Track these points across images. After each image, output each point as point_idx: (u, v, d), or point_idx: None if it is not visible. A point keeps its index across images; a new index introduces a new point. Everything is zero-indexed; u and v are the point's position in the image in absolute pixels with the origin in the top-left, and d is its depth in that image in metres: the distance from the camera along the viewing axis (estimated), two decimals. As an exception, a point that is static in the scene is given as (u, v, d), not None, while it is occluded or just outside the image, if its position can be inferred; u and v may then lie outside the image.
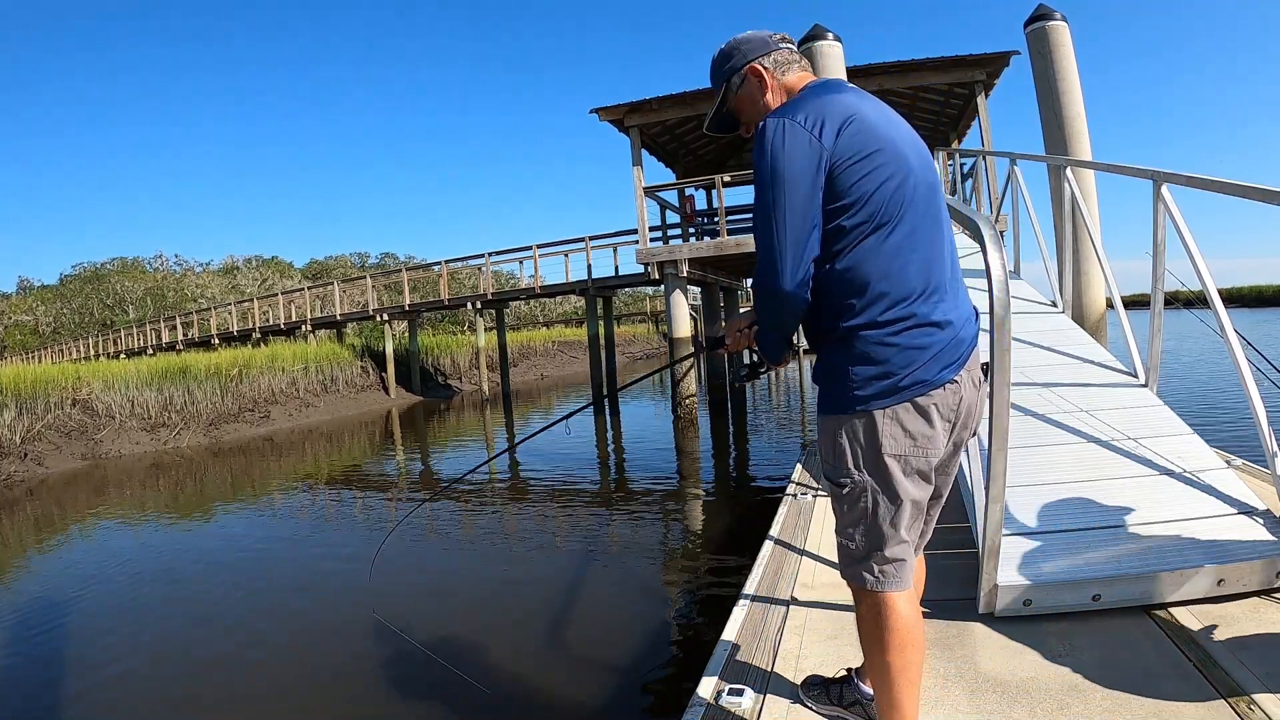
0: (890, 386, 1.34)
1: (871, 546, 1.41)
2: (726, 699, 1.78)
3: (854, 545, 1.43)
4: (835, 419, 1.40)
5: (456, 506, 7.35)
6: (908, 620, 1.41)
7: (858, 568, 1.44)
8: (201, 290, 38.27)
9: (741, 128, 1.57)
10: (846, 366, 1.36)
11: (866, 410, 1.35)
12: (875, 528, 1.40)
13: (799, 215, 1.30)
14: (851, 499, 1.41)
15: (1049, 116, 5.82)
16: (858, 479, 1.39)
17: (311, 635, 4.09)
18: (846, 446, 1.39)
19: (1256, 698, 1.59)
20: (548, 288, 16.63)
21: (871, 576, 1.42)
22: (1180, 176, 2.79)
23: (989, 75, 9.90)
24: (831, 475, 1.44)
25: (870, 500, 1.39)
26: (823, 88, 1.41)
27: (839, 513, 1.46)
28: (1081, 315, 5.13)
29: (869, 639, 1.45)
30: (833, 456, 1.42)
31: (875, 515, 1.39)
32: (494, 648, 3.68)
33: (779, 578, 2.60)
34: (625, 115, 11.18)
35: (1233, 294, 48.83)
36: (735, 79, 1.51)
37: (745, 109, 1.52)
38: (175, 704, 3.37)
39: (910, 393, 1.34)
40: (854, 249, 1.32)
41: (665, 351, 15.42)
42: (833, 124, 1.30)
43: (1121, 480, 2.55)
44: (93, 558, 6.23)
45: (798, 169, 1.29)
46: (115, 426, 12.77)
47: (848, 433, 1.38)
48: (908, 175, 1.33)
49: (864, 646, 1.47)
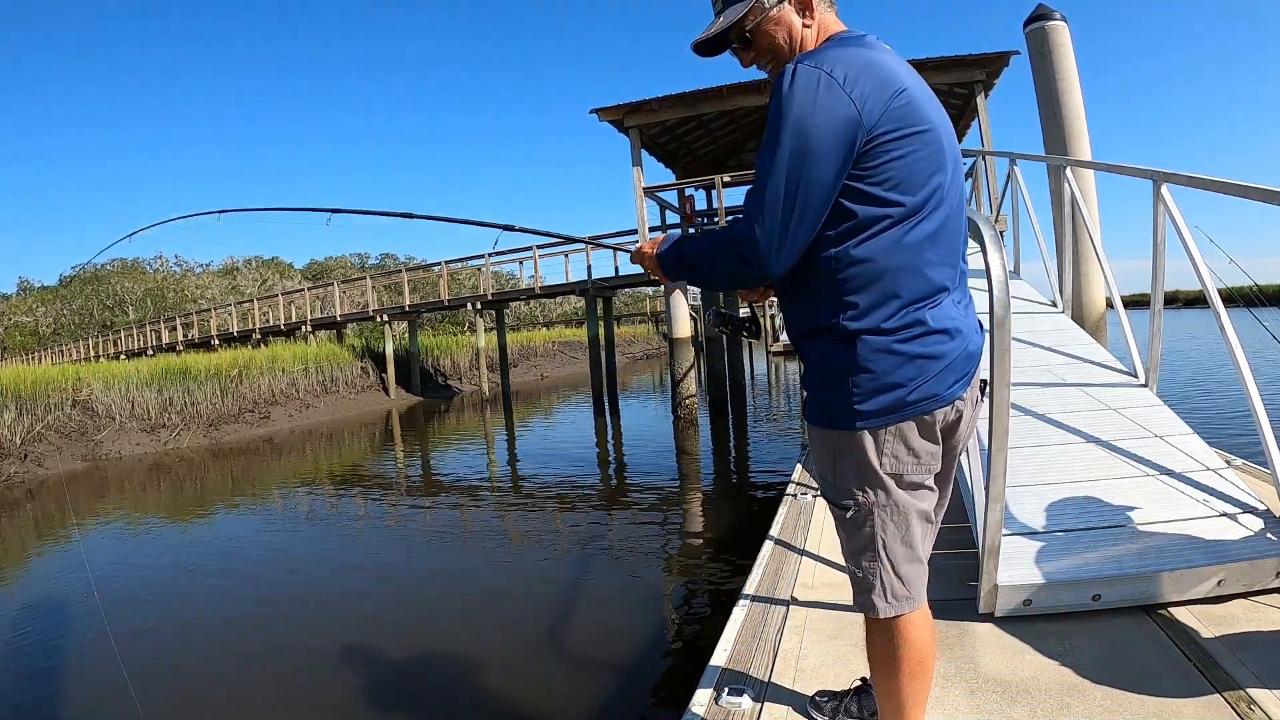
0: (896, 401, 1.18)
1: (884, 571, 1.27)
2: (726, 699, 1.78)
3: (864, 574, 1.29)
4: (832, 434, 1.24)
5: (456, 506, 7.35)
6: (922, 644, 1.30)
7: (869, 596, 1.29)
8: (201, 291, 38.26)
9: (746, 55, 1.29)
10: (846, 376, 1.19)
11: (868, 428, 1.20)
12: (886, 550, 1.26)
13: (814, 194, 1.11)
14: (857, 523, 1.27)
15: (1049, 116, 5.81)
16: (862, 501, 1.25)
17: (311, 635, 4.09)
18: (848, 468, 1.24)
19: (1256, 697, 1.59)
20: (548, 288, 16.62)
21: (884, 603, 1.28)
22: (1180, 176, 2.79)
23: (988, 75, 9.90)
24: (833, 498, 1.30)
25: (878, 522, 1.25)
26: (860, 42, 1.19)
27: (845, 539, 1.32)
28: (1081, 315, 5.13)
29: (882, 666, 1.33)
30: (832, 476, 1.28)
31: (885, 537, 1.25)
32: (494, 648, 3.68)
33: (779, 578, 2.60)
34: (625, 115, 11.17)
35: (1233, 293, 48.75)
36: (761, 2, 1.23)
37: (772, 36, 1.25)
38: (174, 704, 3.37)
39: (918, 409, 1.19)
40: (874, 238, 1.14)
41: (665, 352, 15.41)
42: (880, 94, 1.10)
43: (1121, 480, 2.55)
44: (92, 558, 6.23)
45: (827, 141, 1.09)
46: (115, 427, 12.77)
47: (846, 451, 1.23)
48: (945, 164, 1.18)
49: (875, 672, 1.36)
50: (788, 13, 1.24)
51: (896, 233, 1.14)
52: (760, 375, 20.45)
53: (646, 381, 22.08)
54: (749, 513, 6.16)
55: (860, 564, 1.29)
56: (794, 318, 1.28)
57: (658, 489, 7.52)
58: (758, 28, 1.25)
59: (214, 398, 14.49)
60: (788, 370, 21.09)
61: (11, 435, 11.22)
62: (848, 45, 1.17)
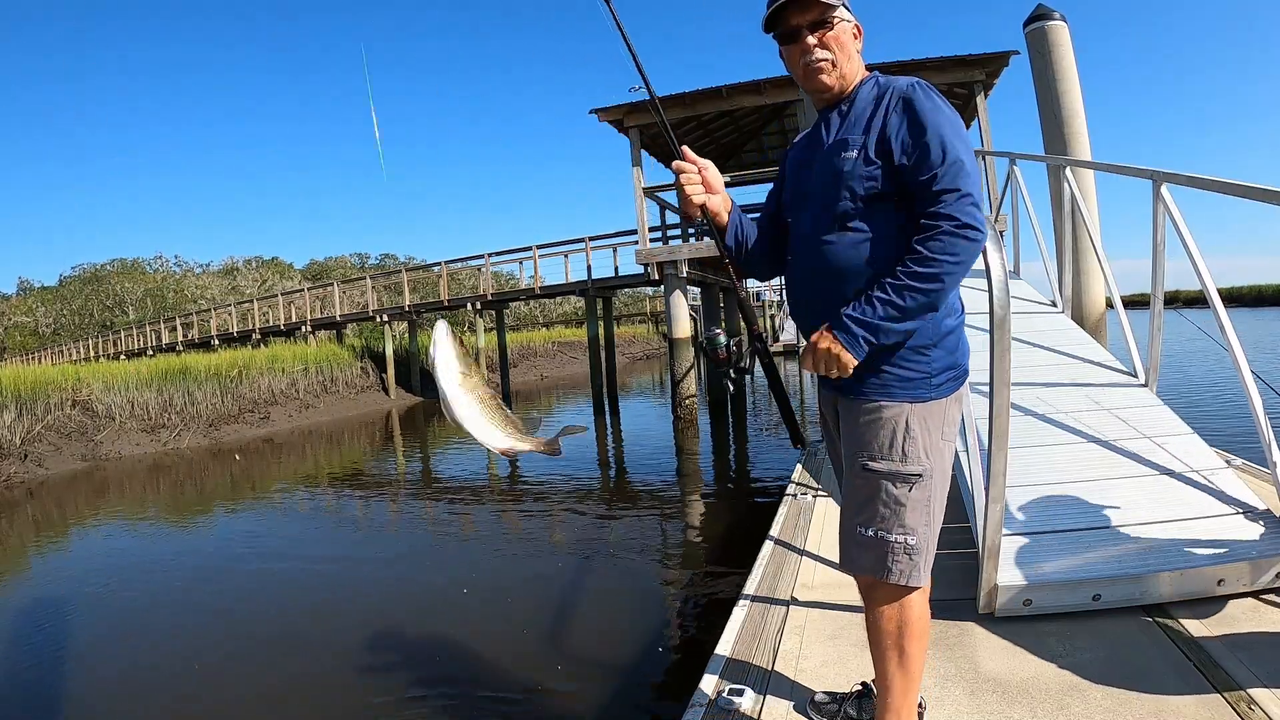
0: (961, 371, 1.38)
1: (931, 538, 1.37)
2: (726, 699, 1.78)
3: (917, 541, 1.35)
4: (905, 406, 1.34)
5: (456, 506, 7.35)
6: (925, 608, 1.42)
7: (916, 565, 1.35)
8: (201, 291, 38.22)
9: (811, 43, 1.38)
10: (926, 349, 1.33)
11: (943, 396, 1.35)
12: (935, 517, 1.37)
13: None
14: (921, 490, 1.35)
15: (1048, 116, 5.81)
16: (927, 466, 1.34)
17: (309, 634, 4.08)
18: (919, 434, 1.33)
19: (1256, 697, 1.59)
20: (548, 288, 16.61)
21: (920, 573, 1.36)
22: (1180, 176, 2.79)
23: (988, 75, 9.90)
24: (896, 469, 1.34)
25: (934, 488, 1.36)
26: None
27: (897, 509, 1.34)
28: (1081, 315, 5.13)
29: (894, 634, 1.40)
30: (903, 445, 1.33)
31: (935, 504, 1.36)
32: (494, 647, 3.68)
33: (779, 578, 2.60)
34: (625, 116, 11.17)
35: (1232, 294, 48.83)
36: (847, 11, 1.41)
37: (845, 42, 1.40)
38: (175, 704, 3.36)
39: (964, 379, 1.40)
40: None
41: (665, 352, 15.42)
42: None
43: (1121, 480, 2.55)
44: (92, 557, 6.23)
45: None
46: (115, 428, 12.76)
47: (920, 419, 1.34)
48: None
49: (884, 644, 1.42)
50: (850, 31, 1.41)
51: None
52: (760, 375, 20.42)
53: (646, 381, 22.08)
54: (749, 513, 6.16)
55: (916, 532, 1.35)
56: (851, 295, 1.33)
57: (658, 489, 7.52)
58: (837, 23, 1.38)
59: (214, 398, 14.48)
60: (788, 370, 21.09)
61: (11, 435, 11.21)
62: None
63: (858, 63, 1.42)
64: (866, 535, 1.37)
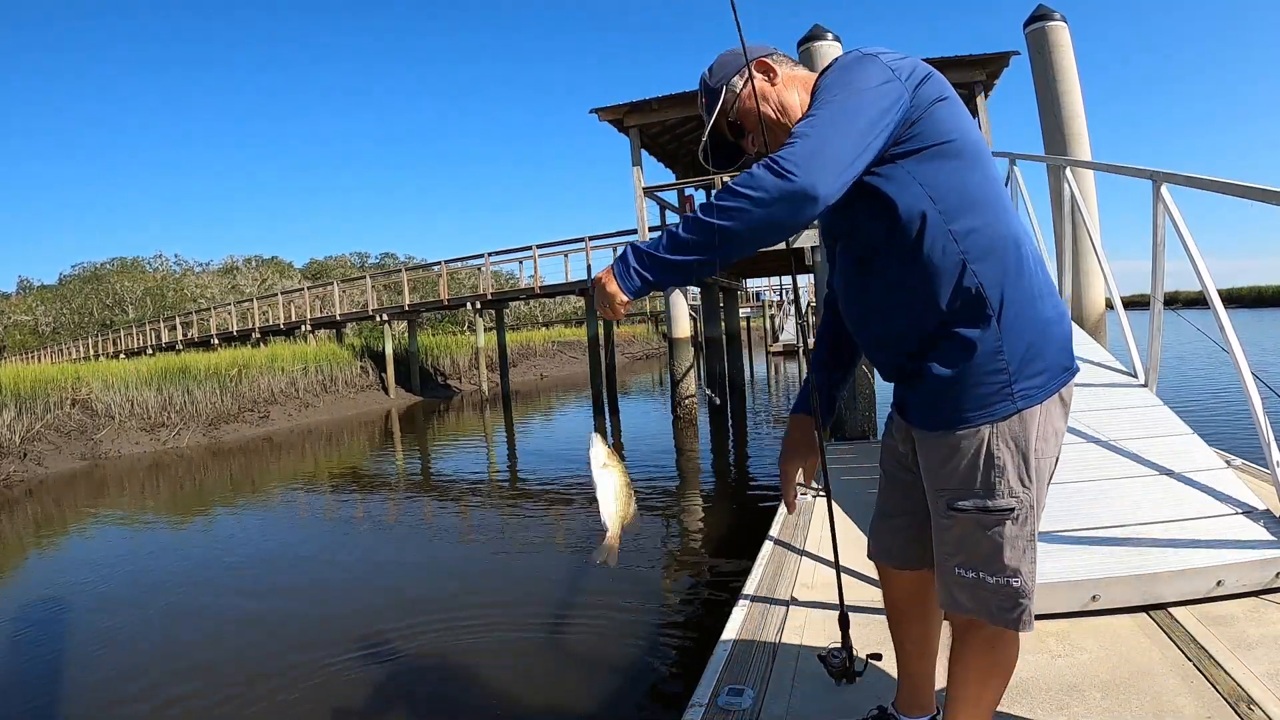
0: (1053, 368, 1.14)
1: (1033, 575, 1.16)
2: (726, 699, 1.78)
3: (1021, 582, 1.16)
4: (984, 430, 1.13)
5: (455, 506, 7.35)
6: (1017, 649, 1.27)
7: (1019, 609, 1.17)
8: (201, 290, 38.25)
9: (748, 138, 1.27)
10: (996, 349, 1.10)
11: (1031, 405, 1.12)
12: (1033, 551, 1.16)
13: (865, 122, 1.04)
14: (1019, 525, 1.14)
15: (1048, 116, 5.82)
16: (1024, 498, 1.13)
17: (306, 634, 4.08)
18: (1006, 460, 1.12)
19: (1256, 697, 1.59)
20: (547, 288, 16.62)
21: (1028, 617, 1.17)
22: (1180, 176, 2.79)
23: (989, 75, 9.90)
24: (987, 504, 1.14)
25: (1033, 521, 1.15)
26: None
27: (996, 548, 1.15)
28: (1081, 315, 5.14)
29: (981, 675, 1.26)
30: (990, 477, 1.13)
31: (1033, 538, 1.16)
32: (492, 646, 3.68)
33: (779, 578, 2.60)
34: (625, 115, 11.17)
35: (1232, 294, 48.89)
36: (737, 79, 1.23)
37: (753, 112, 1.23)
38: (174, 704, 3.36)
39: (1062, 378, 1.14)
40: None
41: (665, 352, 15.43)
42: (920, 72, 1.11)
43: (1121, 480, 2.55)
44: (92, 558, 6.23)
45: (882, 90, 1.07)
46: (115, 427, 12.76)
47: (1006, 441, 1.12)
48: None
49: (968, 679, 1.28)
50: (759, 84, 1.22)
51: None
52: (760, 375, 20.45)
53: (646, 381, 22.08)
54: (749, 513, 6.16)
55: (1019, 571, 1.15)
56: (921, 321, 1.16)
57: (657, 489, 7.52)
58: (740, 110, 1.24)
59: (213, 397, 14.48)
60: (787, 370, 21.10)
61: (11, 434, 11.22)
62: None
63: (790, 92, 1.23)
64: (967, 577, 1.20)
